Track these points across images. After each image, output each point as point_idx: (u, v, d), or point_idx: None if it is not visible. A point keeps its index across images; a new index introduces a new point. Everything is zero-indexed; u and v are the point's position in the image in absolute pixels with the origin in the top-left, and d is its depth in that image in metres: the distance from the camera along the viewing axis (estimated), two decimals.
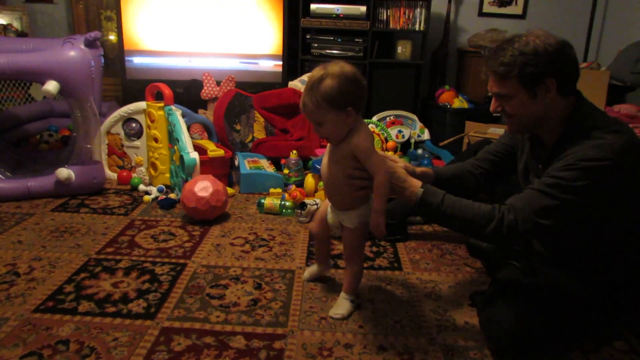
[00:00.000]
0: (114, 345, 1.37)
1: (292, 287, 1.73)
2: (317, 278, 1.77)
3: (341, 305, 1.56)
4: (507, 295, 1.42)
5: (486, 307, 1.43)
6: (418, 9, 3.67)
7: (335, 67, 1.34)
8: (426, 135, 3.46)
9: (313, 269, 1.78)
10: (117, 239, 2.06)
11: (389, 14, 3.71)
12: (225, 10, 3.71)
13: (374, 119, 3.32)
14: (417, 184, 1.47)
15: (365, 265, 1.90)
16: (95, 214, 2.33)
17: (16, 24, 4.26)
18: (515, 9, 4.12)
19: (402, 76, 3.80)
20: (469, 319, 1.56)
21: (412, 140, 3.43)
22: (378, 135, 2.49)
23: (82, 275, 1.75)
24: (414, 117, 3.50)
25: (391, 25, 3.73)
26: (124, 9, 3.65)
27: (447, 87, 3.74)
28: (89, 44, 2.68)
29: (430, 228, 2.30)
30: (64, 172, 2.45)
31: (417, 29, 3.71)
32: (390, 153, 2.42)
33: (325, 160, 1.48)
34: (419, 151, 3.31)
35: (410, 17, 3.69)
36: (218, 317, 1.53)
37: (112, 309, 1.54)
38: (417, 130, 3.45)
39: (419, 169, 1.74)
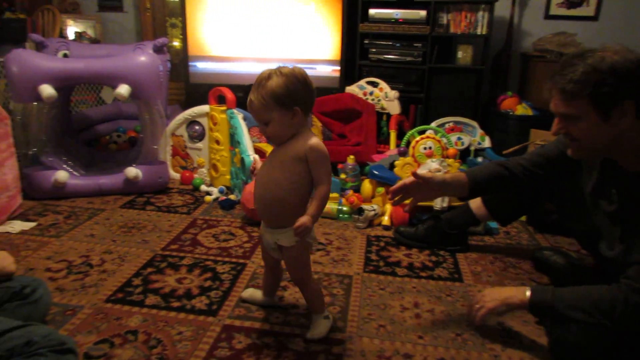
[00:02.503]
0: (178, 339, 1.41)
1: (350, 292, 1.73)
2: (261, 304, 1.61)
3: (317, 326, 1.46)
4: None
5: (555, 327, 1.36)
6: (480, 13, 3.58)
7: (286, 68, 1.31)
8: (487, 143, 3.36)
9: (256, 294, 1.62)
10: (180, 237, 2.13)
11: (449, 18, 3.64)
12: (285, 16, 3.77)
13: (433, 124, 3.26)
14: (521, 290, 1.40)
15: (423, 274, 1.87)
16: (160, 211, 2.42)
17: (90, 32, 4.53)
18: (587, 10, 3.91)
19: (462, 82, 3.72)
20: (537, 338, 1.49)
21: (472, 148, 3.34)
22: (438, 141, 2.44)
23: (149, 269, 1.83)
24: (475, 123, 3.41)
25: (452, 30, 3.66)
26: (188, 17, 3.79)
27: (509, 93, 3.62)
28: (157, 50, 2.81)
29: (492, 240, 2.23)
30: (132, 171, 2.56)
31: (478, 33, 3.62)
32: (450, 160, 2.37)
33: (263, 168, 1.39)
34: (479, 159, 3.22)
35: (472, 21, 3.60)
36: (277, 317, 1.55)
37: (176, 304, 1.60)
38: (477, 138, 3.36)
39: (449, 175, 1.69)
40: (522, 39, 4.07)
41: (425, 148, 2.43)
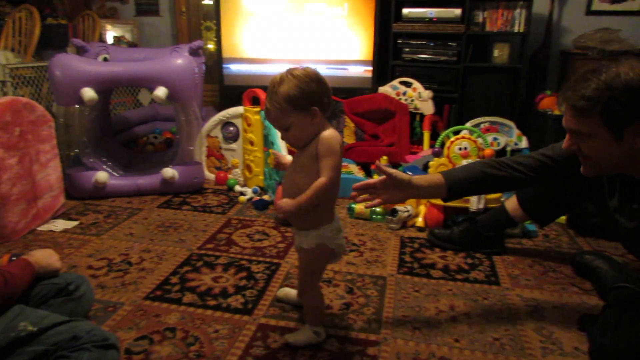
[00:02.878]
0: (215, 337, 1.43)
1: (384, 293, 1.71)
2: (295, 304, 1.61)
3: (301, 333, 1.42)
4: (623, 322, 1.29)
5: (599, 334, 1.32)
6: (518, 10, 3.50)
7: (297, 69, 1.25)
8: (524, 144, 3.28)
9: (291, 294, 1.62)
10: (215, 236, 2.16)
11: (485, 16, 3.57)
12: (317, 17, 3.78)
13: (468, 124, 3.20)
14: None
15: (459, 277, 1.84)
16: (196, 211, 2.47)
17: (127, 36, 4.66)
18: (632, 4, 3.75)
19: (499, 81, 3.64)
20: (579, 345, 1.45)
21: (508, 149, 3.26)
22: (474, 142, 2.40)
23: (186, 268, 1.86)
24: (511, 123, 3.33)
25: (487, 28, 3.59)
26: (223, 20, 3.84)
27: (548, 92, 3.53)
28: (193, 53, 2.87)
29: (530, 242, 2.18)
30: (168, 172, 2.62)
31: (515, 30, 3.54)
32: None
33: (288, 172, 1.37)
34: None
35: (509, 18, 3.52)
36: None
37: (213, 302, 1.62)
38: (514, 138, 3.28)
39: (420, 176, 1.56)
40: (562, 36, 3.96)
41: (460, 148, 2.39)
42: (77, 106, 2.52)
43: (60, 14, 4.64)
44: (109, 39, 4.53)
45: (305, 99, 1.22)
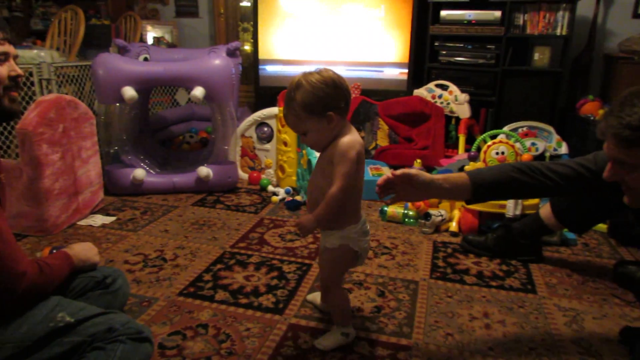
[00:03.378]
0: (246, 335, 1.45)
1: (416, 298, 1.69)
2: (322, 309, 1.59)
3: (329, 337, 1.41)
4: None
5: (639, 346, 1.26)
6: (560, 12, 3.40)
7: (313, 74, 1.25)
8: (564, 150, 3.18)
9: (317, 298, 1.61)
10: (248, 235, 2.18)
11: (526, 18, 3.48)
12: (353, 19, 3.78)
13: (505, 129, 3.13)
14: None
15: (494, 284, 1.80)
16: (229, 210, 2.50)
17: (167, 37, 4.77)
18: None
19: (538, 85, 3.54)
20: (619, 358, 1.39)
21: (547, 154, 3.17)
22: (512, 146, 2.34)
23: (219, 266, 1.88)
24: (550, 129, 3.24)
25: (528, 31, 3.50)
26: (260, 21, 3.88)
27: (590, 97, 3.41)
28: (230, 54, 2.90)
29: (569, 251, 2.11)
30: (203, 170, 2.66)
31: (557, 33, 3.44)
32: None
33: (313, 173, 1.37)
34: None
35: (551, 21, 3.43)
36: None
37: (244, 301, 1.64)
38: (553, 144, 3.19)
39: (443, 176, 1.43)
40: (607, 40, 3.82)
41: (497, 153, 2.34)
42: (117, 104, 2.59)
43: (104, 15, 4.79)
44: (149, 40, 4.65)
45: (320, 105, 1.22)
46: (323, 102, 1.22)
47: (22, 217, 2.12)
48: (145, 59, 2.92)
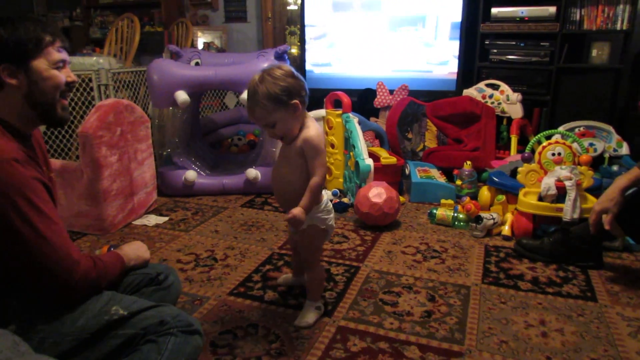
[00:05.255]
0: (295, 336, 1.45)
1: (467, 303, 1.65)
2: (292, 285, 1.74)
3: (306, 314, 1.52)
4: None
5: None
6: (621, 6, 3.23)
7: (273, 68, 1.33)
8: (624, 150, 3.02)
9: (288, 276, 1.76)
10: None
11: (583, 13, 3.34)
12: (401, 18, 3.74)
13: (561, 129, 3.00)
14: (631, 170, 1.29)
15: (550, 290, 1.73)
16: (277, 212, 2.52)
17: (217, 42, 4.88)
18: None
19: (596, 82, 3.38)
20: None
21: (606, 155, 3.02)
22: (569, 147, 2.24)
23: (267, 266, 1.91)
24: (610, 128, 3.08)
25: (585, 26, 3.35)
26: (307, 24, 3.91)
27: None
28: (279, 57, 2.93)
29: (632, 257, 1.99)
30: (252, 172, 2.71)
31: (618, 28, 3.27)
32: (583, 168, 2.16)
33: (277, 162, 1.47)
34: (615, 168, 2.91)
35: (610, 15, 3.26)
36: (392, 324, 1.52)
37: (293, 302, 1.64)
38: (612, 144, 3.03)
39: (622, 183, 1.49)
40: None
41: (553, 154, 2.25)
42: (170, 108, 2.67)
43: (157, 22, 4.96)
44: (199, 45, 4.77)
45: (286, 94, 1.31)
46: (287, 92, 1.31)
47: (82, 216, 2.22)
48: (197, 64, 3.00)
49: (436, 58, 3.74)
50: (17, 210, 1.02)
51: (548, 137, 2.50)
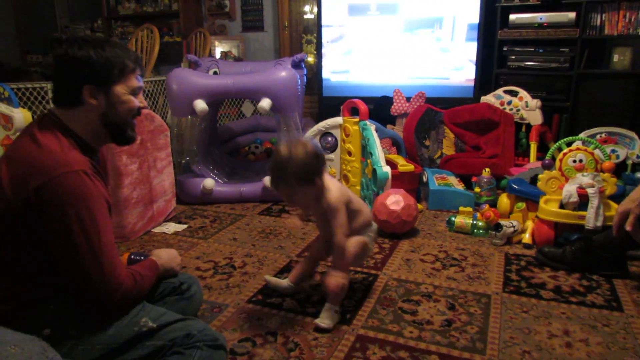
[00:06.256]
0: (314, 344, 1.44)
1: (488, 312, 1.62)
2: (283, 291, 1.76)
3: (328, 316, 1.54)
4: None
5: None
6: None
7: (297, 147, 1.43)
8: None
9: (281, 282, 1.75)
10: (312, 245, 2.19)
11: (603, 18, 3.29)
12: (417, 25, 3.73)
13: (582, 135, 2.96)
14: None
15: (573, 299, 1.69)
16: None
17: (234, 51, 4.94)
18: None
19: (618, 88, 3.32)
20: None
21: (629, 162, 2.96)
22: (591, 154, 2.20)
23: (285, 274, 1.88)
24: (633, 134, 3.02)
25: (606, 32, 3.30)
26: (324, 31, 3.93)
27: None
28: (295, 65, 2.96)
29: None
30: (269, 180, 2.71)
31: None
32: (606, 175, 2.12)
33: (318, 221, 1.71)
34: (638, 174, 2.85)
35: (632, 20, 3.21)
36: (411, 332, 1.51)
37: (312, 310, 1.63)
38: (636, 151, 2.97)
39: None
40: None
41: (574, 161, 2.21)
42: (189, 117, 2.70)
43: (176, 32, 5.04)
44: (217, 54, 4.83)
45: (309, 176, 1.44)
46: (311, 172, 1.44)
47: None
48: (215, 73, 3.04)
49: (453, 64, 3.72)
50: (78, 220, 1.05)
51: (569, 144, 2.47)
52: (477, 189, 2.68)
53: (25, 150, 1.09)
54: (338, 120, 2.91)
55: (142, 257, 1.41)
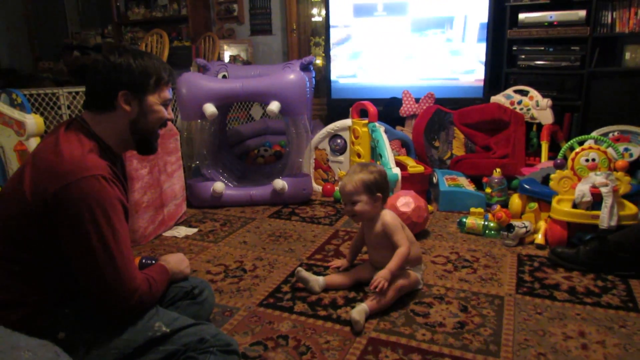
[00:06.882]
0: (326, 348, 1.44)
1: (502, 314, 1.60)
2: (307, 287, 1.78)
3: (362, 315, 1.55)
4: None
5: None
6: None
7: (373, 166, 1.71)
8: None
9: (317, 279, 1.78)
10: (324, 247, 2.19)
11: (614, 16, 3.26)
12: (426, 25, 3.72)
13: (594, 134, 2.93)
14: None
15: (588, 300, 1.67)
16: (304, 222, 2.52)
17: (242, 54, 4.95)
18: None
19: (631, 86, 3.28)
20: None
21: None
22: (604, 153, 2.17)
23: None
24: None
25: (617, 29, 3.27)
26: (332, 33, 3.93)
27: None
28: (304, 68, 2.96)
29: None
30: (279, 183, 2.72)
31: None
32: (619, 174, 2.10)
33: (369, 247, 1.83)
34: None
35: None
36: (424, 335, 1.49)
37: (323, 313, 1.63)
38: None
39: None
40: None
41: (587, 160, 2.18)
42: (199, 121, 2.71)
43: (185, 37, 5.07)
44: (225, 58, 4.85)
45: (374, 186, 1.67)
46: (377, 185, 1.68)
47: None
48: (224, 77, 3.05)
49: (462, 66, 3.70)
50: (95, 224, 1.06)
51: (581, 143, 2.44)
52: (488, 190, 2.66)
53: (46, 153, 1.11)
54: (347, 122, 2.91)
55: (153, 261, 1.41)
